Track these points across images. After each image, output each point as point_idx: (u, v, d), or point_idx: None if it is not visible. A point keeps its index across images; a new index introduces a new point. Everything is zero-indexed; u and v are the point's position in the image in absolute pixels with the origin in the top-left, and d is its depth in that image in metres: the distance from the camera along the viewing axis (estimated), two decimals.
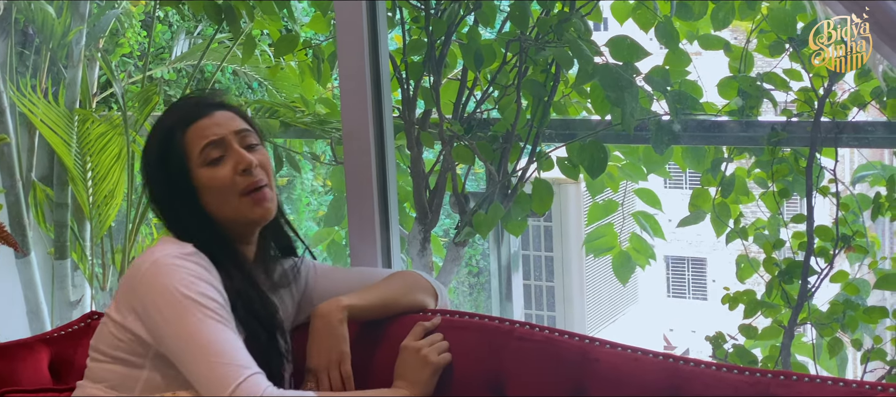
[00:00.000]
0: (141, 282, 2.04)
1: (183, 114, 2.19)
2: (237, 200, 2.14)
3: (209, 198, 2.15)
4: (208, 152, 2.14)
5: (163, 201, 2.20)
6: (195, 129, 2.15)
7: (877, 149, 4.03)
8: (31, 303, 4.35)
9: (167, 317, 2.00)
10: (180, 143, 2.15)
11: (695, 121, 3.49)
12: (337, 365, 2.18)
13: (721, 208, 3.64)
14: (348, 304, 2.22)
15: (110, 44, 4.72)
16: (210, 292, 2.02)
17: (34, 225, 4.38)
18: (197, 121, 2.16)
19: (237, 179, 2.14)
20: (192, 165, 2.14)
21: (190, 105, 2.22)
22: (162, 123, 2.21)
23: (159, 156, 2.17)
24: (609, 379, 2.14)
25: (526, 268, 8.04)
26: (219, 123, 2.17)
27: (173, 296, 1.99)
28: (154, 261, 2.04)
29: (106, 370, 2.10)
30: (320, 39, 3.84)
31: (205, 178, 2.14)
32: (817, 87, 3.35)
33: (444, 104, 3.56)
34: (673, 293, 11.48)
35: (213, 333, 1.97)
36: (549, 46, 3.38)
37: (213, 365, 1.95)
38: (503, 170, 3.58)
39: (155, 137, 2.20)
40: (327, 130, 3.77)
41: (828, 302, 3.58)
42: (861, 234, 3.47)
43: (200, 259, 2.06)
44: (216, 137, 2.15)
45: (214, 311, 2.00)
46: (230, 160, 2.15)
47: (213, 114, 2.18)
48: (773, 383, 2.01)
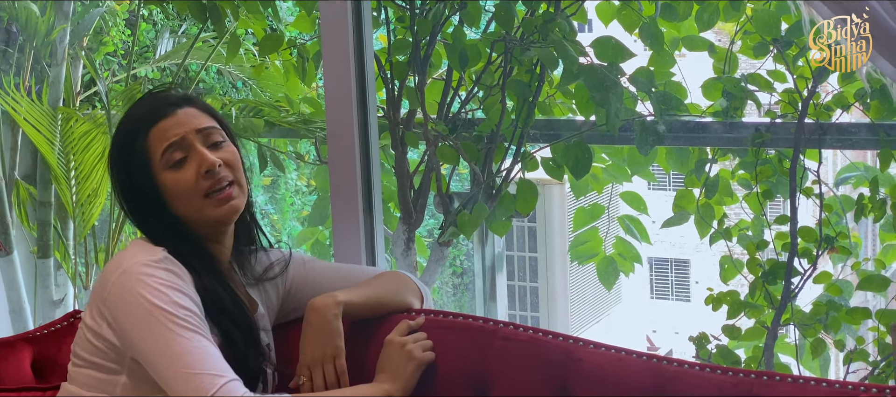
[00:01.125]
0: (111, 292, 2.00)
1: (143, 115, 2.12)
2: (201, 202, 2.09)
3: (174, 201, 2.10)
4: (170, 155, 2.08)
5: (130, 205, 2.16)
6: (156, 132, 2.09)
7: (860, 151, 4.05)
8: (14, 302, 4.33)
9: (138, 329, 1.96)
10: (142, 147, 2.09)
11: (679, 121, 3.49)
12: (331, 359, 2.16)
13: (705, 209, 3.65)
14: (344, 300, 2.20)
15: (94, 42, 4.70)
16: (181, 300, 1.98)
17: (17, 223, 4.36)
18: (157, 122, 2.10)
19: (200, 182, 2.09)
20: (155, 169, 2.09)
21: (150, 105, 2.14)
22: (123, 126, 2.16)
23: (122, 161, 2.13)
24: (593, 379, 2.14)
25: (510, 268, 8.04)
26: (180, 122, 2.10)
27: (143, 307, 1.96)
28: (123, 271, 2.00)
29: (85, 374, 2.08)
30: (305, 39, 3.83)
31: (169, 182, 2.09)
32: (801, 88, 3.36)
33: (428, 104, 3.56)
34: (656, 294, 11.50)
35: (185, 343, 1.94)
36: (533, 47, 3.38)
37: (187, 375, 1.92)
38: (488, 171, 3.58)
39: (118, 141, 2.15)
40: (312, 130, 3.77)
41: (811, 302, 3.59)
42: (844, 235, 3.48)
43: (171, 264, 2.02)
44: (177, 138, 2.09)
45: (186, 320, 1.96)
46: (193, 161, 2.09)
47: (176, 114, 2.12)
48: (756, 383, 2.01)
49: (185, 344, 1.94)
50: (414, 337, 2.24)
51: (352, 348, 2.25)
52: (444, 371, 2.24)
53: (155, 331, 1.94)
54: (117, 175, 2.15)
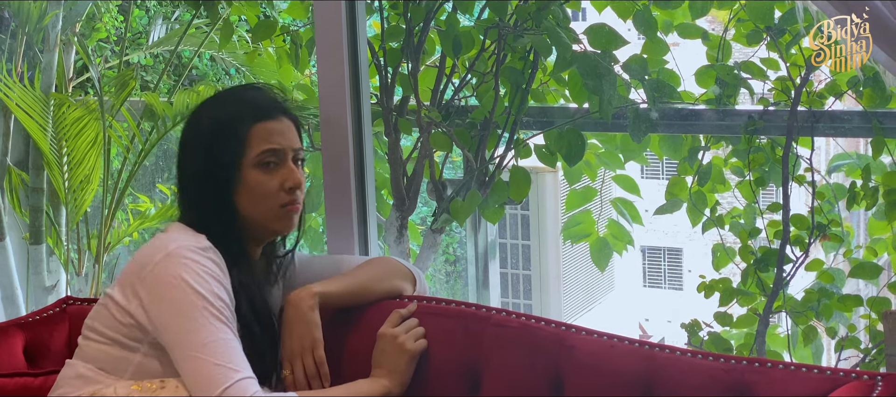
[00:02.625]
0: (152, 270, 2.03)
1: (254, 107, 2.15)
2: (273, 210, 2.14)
3: (245, 197, 2.13)
4: (265, 156, 2.13)
5: (193, 181, 2.17)
6: (261, 129, 2.13)
7: (853, 139, 4.05)
8: (6, 289, 4.32)
9: (173, 311, 2.00)
10: (242, 135, 2.12)
11: (672, 109, 3.50)
12: (310, 351, 2.19)
13: (697, 197, 3.65)
14: (319, 291, 2.22)
15: (87, 28, 4.69)
16: (219, 291, 2.03)
17: (9, 209, 4.35)
18: (265, 120, 2.14)
19: (281, 194, 2.14)
20: (245, 162, 2.12)
21: (261, 100, 2.18)
22: (226, 106, 2.19)
23: (213, 138, 2.14)
24: (585, 365, 2.14)
25: (503, 256, 8.05)
26: (284, 133, 2.15)
27: (183, 290, 2.00)
28: (168, 253, 2.03)
29: (98, 350, 2.10)
30: (298, 25, 3.83)
31: (252, 179, 2.13)
32: (794, 76, 3.36)
33: (422, 91, 3.55)
34: (649, 283, 11.53)
35: (214, 333, 1.98)
36: (527, 34, 3.38)
37: (207, 363, 1.96)
38: (481, 158, 3.58)
39: (213, 117, 2.17)
40: (305, 117, 3.76)
41: (803, 290, 3.60)
42: (836, 223, 3.49)
43: (214, 255, 2.06)
44: (278, 146, 2.14)
45: (220, 312, 2.01)
46: (281, 173, 2.14)
47: (282, 121, 2.16)
48: (748, 370, 2.02)
49: (215, 334, 1.98)
50: (405, 327, 2.25)
51: (338, 337, 2.27)
52: (436, 358, 2.25)
53: (188, 316, 1.99)
54: (197, 148, 2.16)
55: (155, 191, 5.86)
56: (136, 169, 4.14)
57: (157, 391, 2.03)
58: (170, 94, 4.12)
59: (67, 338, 2.46)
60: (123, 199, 4.22)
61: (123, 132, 4.16)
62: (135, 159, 4.11)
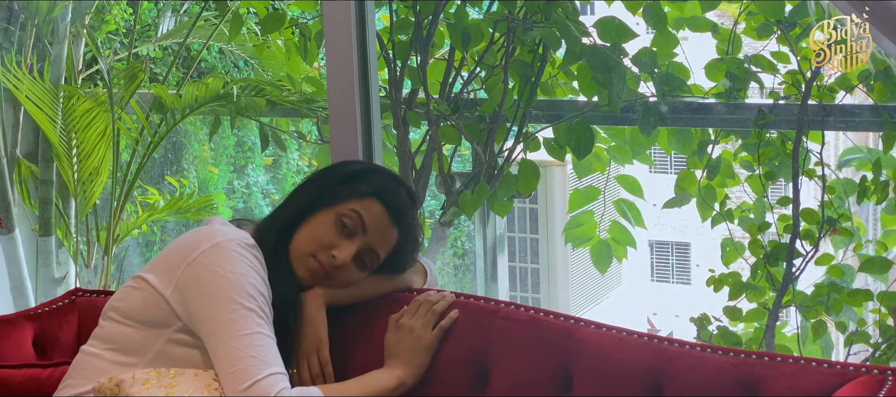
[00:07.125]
0: (198, 259, 2.06)
1: (385, 192, 2.22)
2: (305, 255, 2.18)
3: (304, 227, 2.19)
4: (348, 217, 2.18)
5: (300, 194, 2.27)
6: (371, 205, 2.20)
7: (863, 133, 4.04)
8: (15, 280, 4.33)
9: (218, 298, 2.03)
10: (355, 191, 2.20)
11: (682, 102, 3.49)
12: (315, 351, 2.21)
13: (707, 191, 3.64)
14: (325, 291, 2.23)
15: (96, 20, 4.69)
16: (262, 288, 2.07)
17: (19, 201, 4.36)
18: (381, 206, 2.20)
19: (322, 250, 2.18)
20: (334, 207, 2.18)
21: (396, 199, 2.24)
22: (374, 170, 2.32)
23: (346, 177, 2.24)
24: (594, 358, 2.14)
25: (511, 249, 8.04)
26: (379, 229, 2.21)
27: (230, 281, 2.03)
28: (217, 244, 2.07)
29: (121, 332, 2.11)
30: (307, 18, 3.82)
31: (321, 220, 2.18)
32: (805, 69, 3.35)
33: (430, 84, 3.55)
34: (657, 277, 11.50)
35: (254, 326, 2.02)
36: (536, 27, 3.37)
37: (241, 355, 1.99)
38: (489, 151, 3.58)
39: (362, 168, 2.32)
40: (313, 109, 3.76)
41: (812, 285, 3.59)
42: (846, 218, 3.48)
43: (258, 253, 2.11)
44: (363, 225, 2.19)
45: (261, 308, 2.04)
46: (341, 240, 2.18)
47: (392, 225, 2.22)
48: (757, 364, 2.01)
49: (254, 327, 2.02)
50: (423, 322, 2.24)
51: (360, 329, 2.28)
52: (445, 350, 2.25)
53: (231, 306, 2.02)
54: (325, 179, 2.27)
55: (164, 183, 5.88)
56: (145, 161, 4.14)
57: (175, 377, 2.04)
58: (179, 87, 4.11)
59: (76, 330, 2.46)
60: (133, 191, 4.23)
61: (133, 124, 4.17)
62: (144, 151, 4.12)
